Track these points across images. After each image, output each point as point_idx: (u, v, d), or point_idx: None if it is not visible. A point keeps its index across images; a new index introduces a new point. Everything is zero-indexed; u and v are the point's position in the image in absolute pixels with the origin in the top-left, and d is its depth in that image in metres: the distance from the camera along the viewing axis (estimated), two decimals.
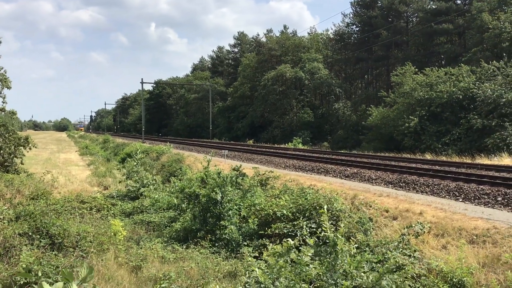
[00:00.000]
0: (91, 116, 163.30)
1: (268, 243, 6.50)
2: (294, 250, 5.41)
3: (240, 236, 9.51)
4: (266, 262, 5.57)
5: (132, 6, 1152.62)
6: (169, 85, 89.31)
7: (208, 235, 9.57)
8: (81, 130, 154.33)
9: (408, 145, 29.15)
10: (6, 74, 18.05)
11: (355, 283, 5.08)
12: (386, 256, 5.91)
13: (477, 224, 8.02)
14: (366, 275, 5.16)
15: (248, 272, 5.80)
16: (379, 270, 5.28)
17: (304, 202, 9.19)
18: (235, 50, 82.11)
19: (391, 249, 6.60)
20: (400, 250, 6.62)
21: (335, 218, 8.63)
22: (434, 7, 44.39)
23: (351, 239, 7.26)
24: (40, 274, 5.00)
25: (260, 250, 7.73)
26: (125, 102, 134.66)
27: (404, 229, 7.61)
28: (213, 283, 6.74)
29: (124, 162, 27.49)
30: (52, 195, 13.78)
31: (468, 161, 19.83)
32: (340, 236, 5.34)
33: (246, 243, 9.07)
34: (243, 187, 11.87)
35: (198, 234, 9.77)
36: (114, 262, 7.69)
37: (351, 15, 54.59)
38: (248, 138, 50.92)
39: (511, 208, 9.53)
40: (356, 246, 5.94)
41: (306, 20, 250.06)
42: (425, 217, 8.79)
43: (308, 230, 6.75)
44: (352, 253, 5.53)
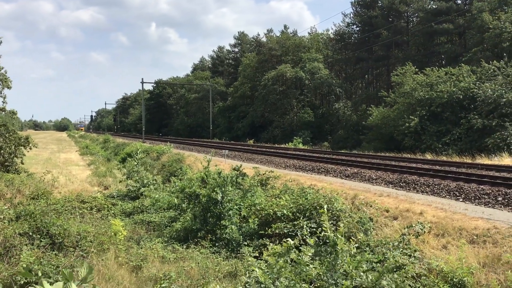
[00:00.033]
0: (92, 116, 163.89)
1: (268, 243, 6.49)
2: (294, 250, 5.41)
3: (240, 236, 9.51)
4: (266, 262, 5.56)
5: (132, 6, 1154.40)
6: (169, 85, 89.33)
7: (209, 235, 9.57)
8: (81, 130, 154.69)
9: (409, 145, 29.14)
10: (6, 74, 18.06)
11: (355, 283, 5.08)
12: (386, 256, 5.91)
13: (477, 224, 8.02)
14: (366, 275, 5.16)
15: (248, 272, 5.79)
16: (379, 269, 5.28)
17: (305, 202, 9.20)
18: (236, 50, 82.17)
19: (391, 249, 6.59)
20: (401, 250, 6.61)
21: (335, 218, 8.63)
22: (434, 7, 44.37)
23: (351, 239, 7.23)
24: (40, 274, 5.00)
25: (260, 250, 7.72)
26: (125, 102, 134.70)
27: (404, 229, 7.59)
28: (213, 283, 6.73)
29: (124, 162, 27.51)
30: (53, 195, 13.78)
31: (469, 161, 19.82)
32: (340, 236, 5.34)
33: (246, 243, 9.07)
34: (243, 187, 11.88)
35: (198, 234, 9.77)
36: (115, 262, 7.69)
37: (352, 15, 54.67)
38: (249, 138, 50.92)
39: (511, 208, 9.52)
40: (356, 246, 5.93)
41: (307, 20, 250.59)
42: (425, 217, 8.79)
43: (308, 230, 6.76)
44: (352, 253, 5.52)
